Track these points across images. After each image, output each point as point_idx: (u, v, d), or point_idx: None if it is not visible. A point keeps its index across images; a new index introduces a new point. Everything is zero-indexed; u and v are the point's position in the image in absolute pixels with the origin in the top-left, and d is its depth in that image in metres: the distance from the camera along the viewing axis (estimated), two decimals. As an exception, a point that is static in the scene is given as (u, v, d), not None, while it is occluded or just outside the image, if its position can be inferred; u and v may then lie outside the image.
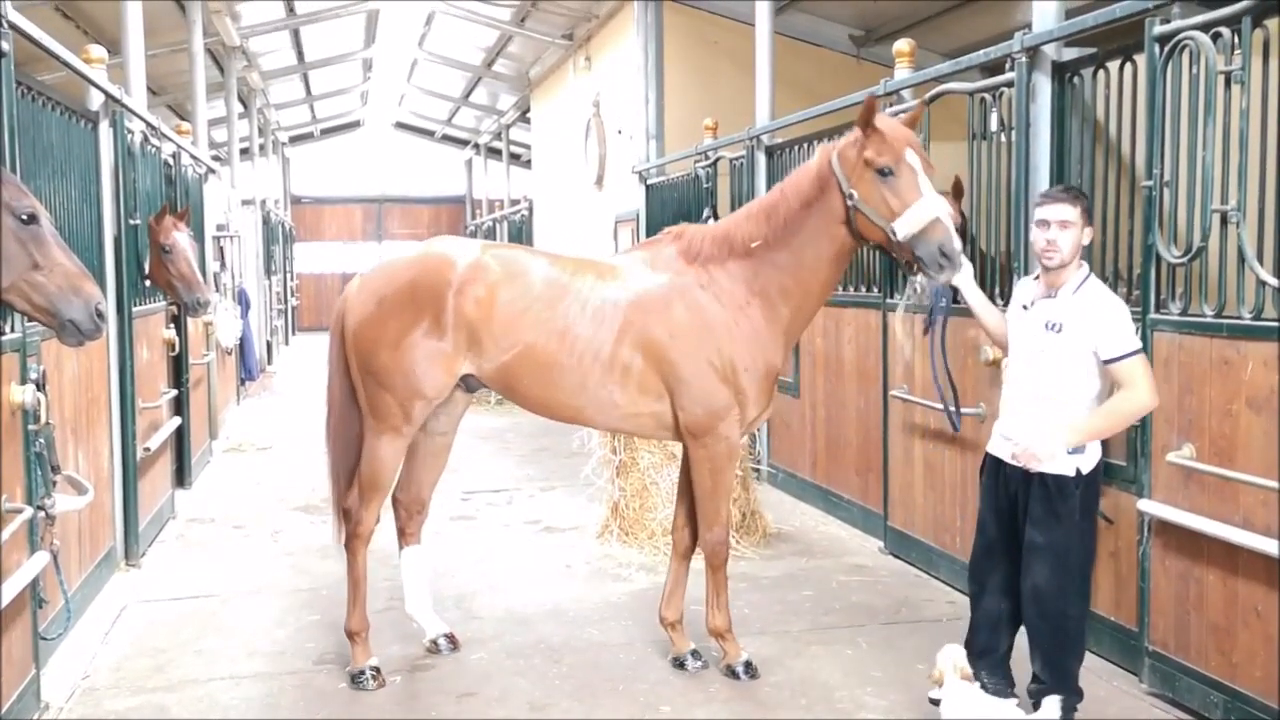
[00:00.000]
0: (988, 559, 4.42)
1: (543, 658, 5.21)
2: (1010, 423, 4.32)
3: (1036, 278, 4.34)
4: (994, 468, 4.39)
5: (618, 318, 4.75)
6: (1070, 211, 4.12)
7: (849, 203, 4.48)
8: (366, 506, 4.97)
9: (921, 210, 4.29)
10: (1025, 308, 4.31)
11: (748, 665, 4.92)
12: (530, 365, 4.75)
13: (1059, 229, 4.10)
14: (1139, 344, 4.09)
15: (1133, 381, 4.01)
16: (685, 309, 4.73)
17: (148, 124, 7.64)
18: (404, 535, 5.34)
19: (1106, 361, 4.04)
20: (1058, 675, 4.20)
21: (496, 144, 24.98)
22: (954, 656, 4.09)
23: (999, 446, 4.37)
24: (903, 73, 6.81)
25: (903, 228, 4.32)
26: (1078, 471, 4.12)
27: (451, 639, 5.31)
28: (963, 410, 5.37)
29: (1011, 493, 4.29)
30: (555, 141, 17.74)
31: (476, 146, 27.42)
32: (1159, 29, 4.56)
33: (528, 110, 20.33)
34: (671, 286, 4.77)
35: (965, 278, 4.54)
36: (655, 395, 4.78)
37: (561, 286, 4.81)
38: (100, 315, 3.80)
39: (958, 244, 4.29)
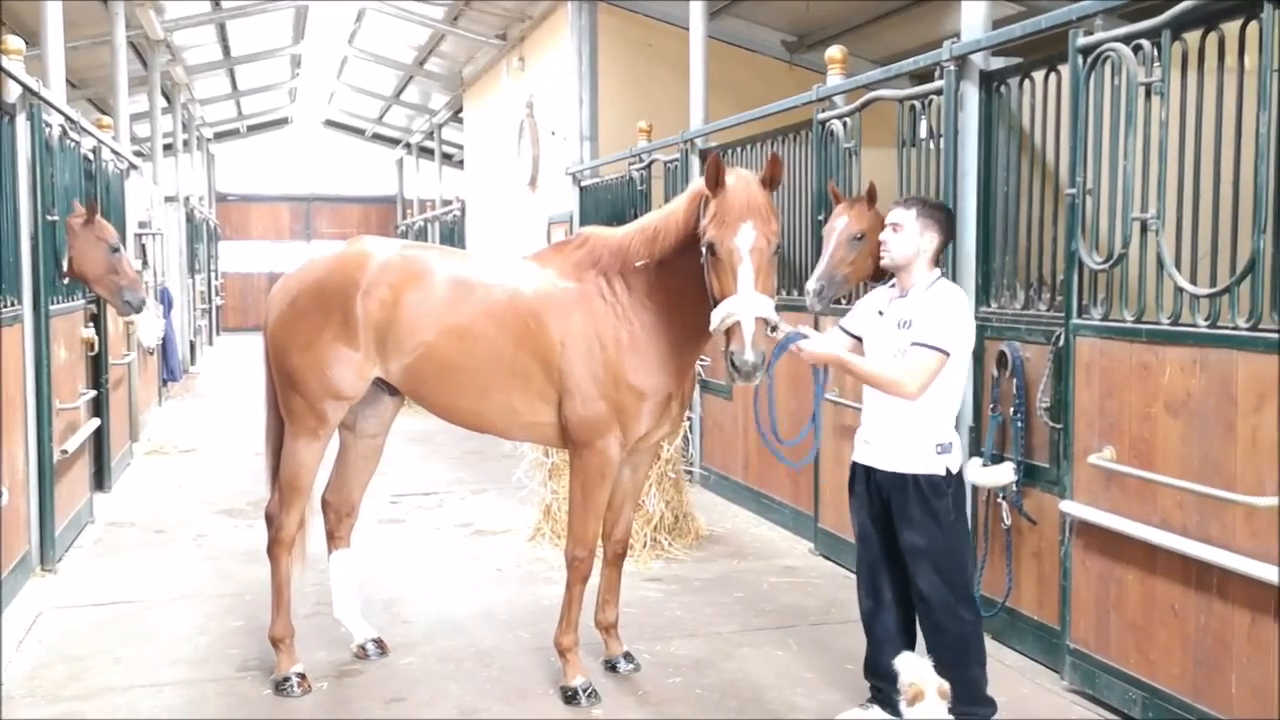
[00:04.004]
0: (878, 570, 4.37)
1: (474, 661, 5.17)
2: (869, 426, 4.34)
3: (892, 285, 4.40)
4: (864, 476, 4.37)
5: (518, 322, 4.61)
6: (903, 215, 4.30)
7: (703, 262, 4.20)
8: (287, 511, 4.87)
9: (726, 307, 4.01)
10: (881, 313, 4.36)
11: (578, 691, 4.66)
12: (432, 368, 4.64)
13: (891, 230, 4.31)
14: (947, 347, 4.07)
15: (912, 362, 4.07)
16: (581, 317, 4.57)
17: (67, 118, 7.44)
18: (333, 539, 5.25)
19: (912, 344, 4.09)
20: (965, 687, 4.02)
21: (428, 143, 24.72)
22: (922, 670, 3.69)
23: (863, 453, 4.37)
24: (834, 79, 6.89)
25: (714, 319, 4.06)
26: (947, 470, 4.17)
27: (380, 644, 5.24)
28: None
29: (885, 497, 4.27)
30: (488, 142, 17.62)
31: (408, 146, 27.12)
32: (1082, 40, 4.66)
33: (460, 110, 20.16)
34: (573, 293, 4.62)
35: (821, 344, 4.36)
36: (552, 404, 4.63)
37: (467, 288, 4.69)
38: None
39: (750, 357, 3.91)
